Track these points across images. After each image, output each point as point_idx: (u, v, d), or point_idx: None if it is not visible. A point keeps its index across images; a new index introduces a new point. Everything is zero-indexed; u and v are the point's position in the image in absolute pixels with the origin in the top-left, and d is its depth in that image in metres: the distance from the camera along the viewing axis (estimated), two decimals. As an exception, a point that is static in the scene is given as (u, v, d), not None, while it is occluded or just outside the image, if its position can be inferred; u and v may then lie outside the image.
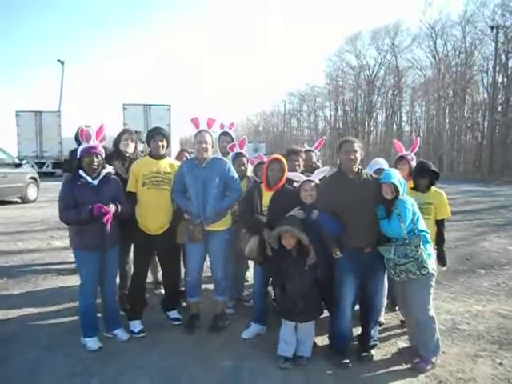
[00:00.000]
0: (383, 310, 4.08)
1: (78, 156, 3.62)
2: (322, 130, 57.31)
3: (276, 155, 3.86)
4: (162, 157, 4.01)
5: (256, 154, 4.95)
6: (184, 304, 4.44)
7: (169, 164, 4.03)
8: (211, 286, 4.37)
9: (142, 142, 5.47)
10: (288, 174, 3.77)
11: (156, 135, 3.98)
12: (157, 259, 4.49)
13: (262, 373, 3.28)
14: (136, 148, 4.46)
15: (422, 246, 3.21)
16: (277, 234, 3.40)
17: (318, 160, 5.09)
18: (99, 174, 3.63)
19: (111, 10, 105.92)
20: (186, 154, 4.84)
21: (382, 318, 4.09)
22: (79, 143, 3.79)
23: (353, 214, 3.32)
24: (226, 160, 4.05)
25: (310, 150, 4.91)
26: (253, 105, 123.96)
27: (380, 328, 3.91)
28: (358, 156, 3.38)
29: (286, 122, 66.87)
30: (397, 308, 4.20)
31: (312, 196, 3.58)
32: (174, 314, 4.20)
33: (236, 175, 3.98)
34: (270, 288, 4.21)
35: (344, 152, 3.40)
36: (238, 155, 4.46)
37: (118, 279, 4.05)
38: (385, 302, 4.02)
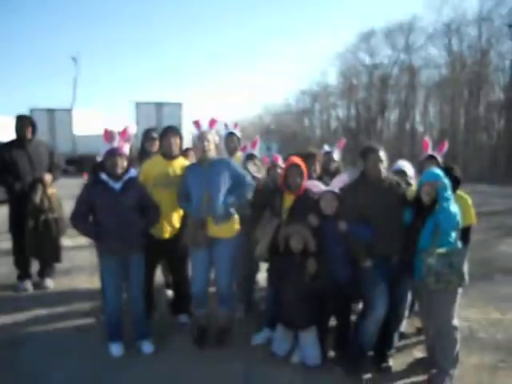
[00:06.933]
0: (404, 320, 3.97)
1: (101, 158, 3.51)
2: (335, 130, 56.91)
3: (294, 159, 3.66)
4: (174, 156, 3.89)
5: (269, 152, 4.82)
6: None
7: (181, 166, 3.86)
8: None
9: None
10: (306, 184, 3.62)
11: (169, 132, 3.86)
12: None
13: (274, 380, 3.23)
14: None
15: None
16: (286, 233, 3.37)
17: (340, 160, 4.93)
18: (122, 178, 3.45)
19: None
20: (192, 152, 4.69)
21: (403, 329, 3.92)
22: None
23: (380, 222, 3.20)
24: (227, 158, 3.93)
25: (329, 152, 4.79)
26: (263, 101, 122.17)
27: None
28: (385, 164, 3.32)
29: (298, 121, 66.50)
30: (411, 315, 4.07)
31: (332, 206, 3.45)
32: (182, 318, 4.12)
33: (242, 170, 3.79)
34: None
35: (372, 163, 3.29)
36: (250, 156, 4.34)
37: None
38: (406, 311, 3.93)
